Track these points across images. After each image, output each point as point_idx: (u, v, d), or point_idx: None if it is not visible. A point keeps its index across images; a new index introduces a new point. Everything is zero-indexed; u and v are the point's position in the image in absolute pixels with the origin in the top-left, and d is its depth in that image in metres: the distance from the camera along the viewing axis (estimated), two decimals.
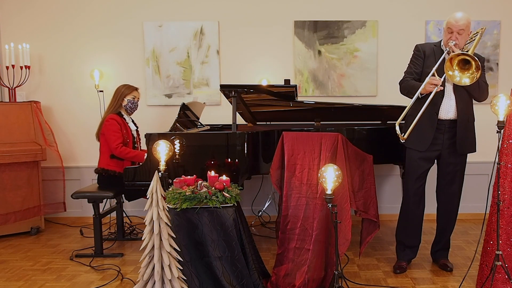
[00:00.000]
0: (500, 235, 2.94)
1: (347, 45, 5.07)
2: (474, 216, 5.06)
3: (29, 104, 4.77)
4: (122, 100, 4.23)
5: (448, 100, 3.39)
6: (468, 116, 3.44)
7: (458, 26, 3.27)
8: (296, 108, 4.43)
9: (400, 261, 3.64)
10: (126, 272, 3.64)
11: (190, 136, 3.69)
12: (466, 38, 3.34)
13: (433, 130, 3.41)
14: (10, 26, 5.09)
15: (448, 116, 3.40)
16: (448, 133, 3.42)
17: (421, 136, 3.44)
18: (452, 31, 3.30)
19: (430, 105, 3.32)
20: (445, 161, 3.51)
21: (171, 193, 3.03)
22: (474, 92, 3.37)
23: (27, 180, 4.64)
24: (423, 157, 3.49)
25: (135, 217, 4.97)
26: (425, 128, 3.42)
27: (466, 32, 3.30)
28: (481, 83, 3.33)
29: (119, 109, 4.23)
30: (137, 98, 4.30)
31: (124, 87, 4.28)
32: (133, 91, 4.28)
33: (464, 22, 3.26)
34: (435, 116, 3.40)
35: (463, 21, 3.26)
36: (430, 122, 3.41)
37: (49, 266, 3.82)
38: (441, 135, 3.43)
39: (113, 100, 4.25)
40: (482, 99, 3.43)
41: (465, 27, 3.27)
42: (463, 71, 3.03)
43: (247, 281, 2.99)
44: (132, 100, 4.25)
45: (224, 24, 5.10)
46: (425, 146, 3.44)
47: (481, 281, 3.08)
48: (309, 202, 3.22)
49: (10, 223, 4.55)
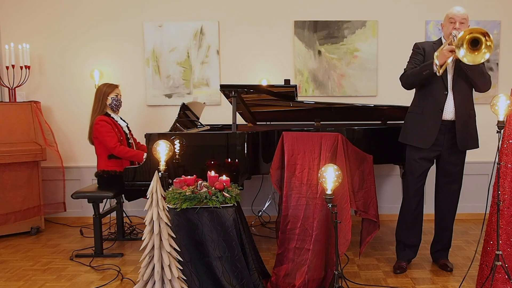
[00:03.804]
0: (500, 235, 2.94)
1: (347, 45, 5.06)
2: (474, 216, 5.06)
3: (29, 104, 4.77)
4: (106, 99, 4.21)
5: (450, 100, 3.38)
6: (468, 111, 3.42)
7: (460, 15, 3.32)
8: (296, 108, 4.43)
9: (400, 261, 3.63)
10: (126, 272, 3.64)
11: (190, 136, 3.69)
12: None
13: (437, 128, 3.39)
14: (10, 26, 5.09)
15: (449, 116, 3.39)
16: (450, 133, 3.42)
17: (425, 133, 3.43)
18: (455, 20, 3.33)
19: (434, 103, 3.37)
20: (445, 161, 3.51)
21: (171, 193, 3.03)
22: (478, 79, 3.31)
23: (27, 180, 4.64)
24: (423, 157, 3.48)
25: (135, 217, 4.97)
26: (429, 126, 3.42)
27: (466, 24, 3.34)
28: (485, 72, 3.32)
29: (105, 109, 4.22)
30: (119, 95, 4.30)
31: (105, 86, 4.26)
32: (114, 88, 4.26)
33: (465, 12, 3.35)
34: (439, 114, 3.38)
35: (464, 11, 3.35)
36: (434, 120, 3.40)
37: (49, 266, 3.82)
38: (442, 136, 3.43)
39: (96, 101, 4.23)
40: (485, 88, 3.39)
41: (466, 16, 3.35)
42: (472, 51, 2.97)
43: (247, 281, 2.98)
44: (115, 98, 4.24)
45: (224, 24, 5.10)
46: (428, 144, 3.42)
47: (481, 281, 3.08)
48: (309, 202, 3.21)
49: (10, 223, 4.55)
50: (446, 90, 3.37)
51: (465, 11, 3.35)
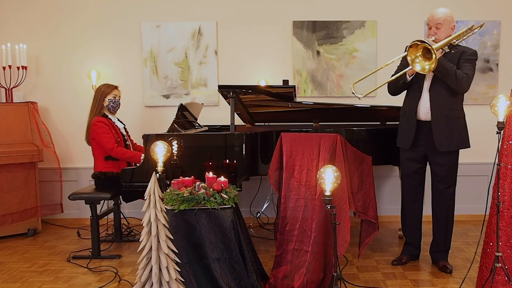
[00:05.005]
0: (500, 237, 2.92)
1: (346, 45, 5.05)
2: (473, 218, 5.04)
3: (26, 104, 4.74)
4: (103, 100, 4.17)
5: (424, 101, 3.48)
6: (448, 112, 3.44)
7: (434, 20, 3.42)
8: (295, 109, 4.42)
9: (402, 255, 3.77)
10: (124, 274, 3.62)
11: (188, 137, 3.67)
12: (447, 32, 3.43)
13: (413, 129, 3.52)
14: (6, 27, 5.06)
15: (425, 117, 3.48)
16: (429, 134, 3.48)
17: (405, 134, 3.60)
18: (430, 26, 3.46)
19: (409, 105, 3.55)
20: (431, 162, 3.59)
21: (169, 194, 3.01)
22: (448, 81, 3.36)
23: (24, 181, 4.62)
24: (409, 157, 3.62)
25: (132, 219, 4.95)
26: (406, 127, 3.58)
27: (444, 26, 3.41)
28: (459, 73, 3.35)
29: (102, 110, 4.19)
30: (118, 97, 4.26)
31: (104, 86, 4.22)
32: (113, 90, 4.22)
33: (441, 16, 3.40)
34: (414, 115, 3.51)
35: (440, 15, 3.40)
36: (409, 121, 3.54)
37: (46, 267, 3.79)
38: (422, 136, 3.52)
39: (94, 101, 4.20)
40: (461, 90, 3.42)
41: (442, 20, 3.39)
42: (426, 59, 3.19)
43: (245, 283, 2.97)
44: (113, 99, 4.20)
45: (222, 24, 5.08)
46: (408, 144, 3.57)
47: (481, 283, 3.06)
48: (307, 204, 3.20)
49: (7, 225, 4.53)
50: (420, 91, 3.50)
51: (443, 12, 3.40)
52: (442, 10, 3.41)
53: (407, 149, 3.59)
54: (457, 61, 3.41)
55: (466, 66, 3.38)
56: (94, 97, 4.21)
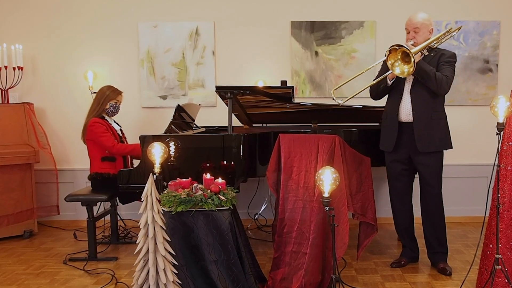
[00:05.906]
0: (499, 239, 2.91)
1: (344, 45, 5.03)
2: (473, 219, 5.03)
3: (22, 105, 4.71)
4: (106, 104, 4.14)
5: (406, 103, 3.50)
6: (429, 113, 3.46)
7: (412, 24, 3.47)
8: (293, 110, 4.40)
9: (401, 257, 3.77)
10: (121, 276, 3.60)
11: (185, 138, 3.65)
12: (425, 35, 3.47)
13: (395, 131, 3.55)
14: (2, 27, 5.03)
15: (408, 119, 3.49)
16: (412, 135, 3.49)
17: (387, 136, 3.62)
18: (408, 31, 3.52)
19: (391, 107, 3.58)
20: (416, 162, 3.59)
21: (166, 196, 3.00)
22: (427, 83, 3.39)
23: (20, 183, 4.59)
24: (394, 159, 3.64)
25: (129, 220, 4.92)
26: (389, 130, 3.60)
27: (422, 30, 3.45)
28: (438, 76, 3.37)
29: (102, 113, 4.16)
30: (119, 102, 4.23)
31: (109, 89, 4.17)
32: (118, 95, 4.19)
33: (418, 20, 3.45)
34: (395, 117, 3.53)
35: (418, 19, 3.46)
36: (391, 123, 3.57)
37: (42, 270, 3.77)
38: (404, 137, 3.53)
39: (96, 103, 4.15)
40: (441, 91, 3.43)
41: (420, 25, 3.45)
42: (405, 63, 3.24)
43: (243, 285, 2.96)
44: (114, 105, 4.18)
45: (219, 25, 5.06)
46: (390, 147, 3.59)
47: (480, 285, 3.05)
48: (306, 205, 3.18)
49: (2, 227, 4.50)
50: (401, 94, 3.53)
51: (420, 16, 3.46)
52: (420, 14, 3.46)
53: (391, 152, 3.61)
54: (437, 63, 3.46)
55: (446, 68, 3.41)
56: (96, 99, 4.17)
